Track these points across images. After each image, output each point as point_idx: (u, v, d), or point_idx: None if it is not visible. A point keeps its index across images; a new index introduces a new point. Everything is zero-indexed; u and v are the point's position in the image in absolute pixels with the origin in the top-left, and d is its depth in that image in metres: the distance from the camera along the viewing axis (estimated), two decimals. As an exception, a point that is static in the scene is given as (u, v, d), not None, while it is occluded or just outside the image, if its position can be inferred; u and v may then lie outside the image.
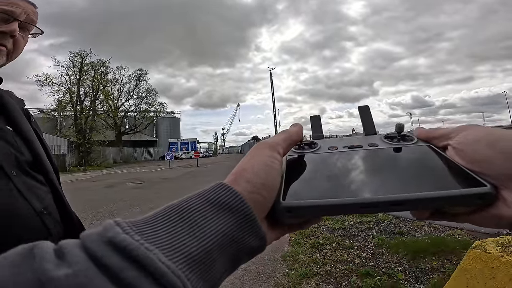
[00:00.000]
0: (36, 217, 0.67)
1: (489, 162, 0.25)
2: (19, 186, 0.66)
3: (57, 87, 29.82)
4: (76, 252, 0.18)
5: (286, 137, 0.32)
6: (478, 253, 1.40)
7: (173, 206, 0.23)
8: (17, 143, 0.73)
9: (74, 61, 30.52)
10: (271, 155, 0.28)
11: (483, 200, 0.24)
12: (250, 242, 0.23)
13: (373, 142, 0.35)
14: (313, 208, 0.26)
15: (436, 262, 2.80)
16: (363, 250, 3.28)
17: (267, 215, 0.26)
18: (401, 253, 3.09)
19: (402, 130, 0.36)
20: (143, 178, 13.82)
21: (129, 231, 0.19)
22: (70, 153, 26.75)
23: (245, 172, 0.26)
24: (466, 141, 0.28)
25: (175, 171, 17.51)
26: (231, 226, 0.22)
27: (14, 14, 0.70)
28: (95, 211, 6.15)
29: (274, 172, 0.27)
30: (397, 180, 0.28)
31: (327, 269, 2.80)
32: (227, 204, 0.23)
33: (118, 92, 36.98)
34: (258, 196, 0.25)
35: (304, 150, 0.36)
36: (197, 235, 0.21)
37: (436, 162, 0.29)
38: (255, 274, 2.80)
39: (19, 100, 0.88)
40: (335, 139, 0.39)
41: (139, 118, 39.37)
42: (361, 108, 0.42)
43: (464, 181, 0.25)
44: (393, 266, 2.81)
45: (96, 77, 32.25)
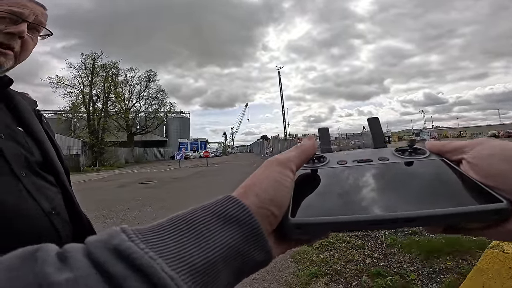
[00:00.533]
0: (44, 218, 0.67)
1: (505, 177, 0.25)
2: (28, 187, 0.66)
3: (70, 89, 30.68)
4: (79, 257, 0.18)
5: (300, 153, 0.32)
6: (495, 253, 1.35)
7: (180, 216, 0.23)
8: (28, 144, 0.73)
9: (86, 63, 31.28)
10: (283, 172, 0.28)
11: (499, 216, 0.24)
12: (255, 256, 0.23)
13: (384, 156, 0.35)
14: (322, 225, 0.26)
15: (450, 262, 2.72)
16: (374, 250, 3.23)
17: (275, 229, 0.26)
18: (414, 253, 3.03)
19: (414, 143, 0.35)
20: (154, 177, 14.03)
21: (135, 239, 0.19)
22: (84, 153, 27.41)
23: (255, 186, 0.26)
24: (481, 156, 0.27)
25: (185, 170, 17.69)
26: (237, 239, 0.22)
27: (22, 15, 0.70)
28: (107, 210, 6.28)
29: (284, 190, 0.27)
30: (409, 196, 0.27)
31: (337, 268, 2.77)
32: (235, 217, 0.23)
33: (129, 93, 37.69)
34: (266, 211, 0.25)
35: (313, 165, 0.35)
36: (202, 246, 0.21)
37: (449, 176, 0.28)
38: (264, 273, 2.79)
39: (32, 101, 0.89)
40: (344, 152, 0.38)
41: (150, 118, 39.97)
42: (370, 119, 0.41)
43: (479, 197, 0.25)
44: (405, 266, 2.75)
45: (108, 78, 32.93)
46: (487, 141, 0.28)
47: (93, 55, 31.43)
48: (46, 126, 0.86)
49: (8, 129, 0.70)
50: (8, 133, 0.69)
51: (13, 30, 0.67)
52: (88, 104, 31.29)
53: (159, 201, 7.14)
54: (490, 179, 0.26)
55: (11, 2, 0.71)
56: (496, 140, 0.28)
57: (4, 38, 0.66)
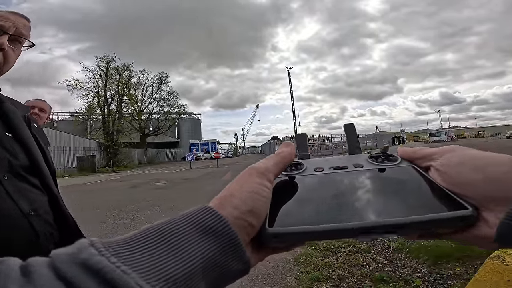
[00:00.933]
0: (23, 218, 0.70)
1: (472, 186, 0.26)
2: (9, 189, 0.69)
3: (85, 91, 31.59)
4: (43, 272, 0.17)
5: (278, 161, 0.32)
6: (495, 264, 1.29)
7: (155, 227, 0.22)
8: (14, 149, 0.76)
9: (100, 65, 32.15)
10: (261, 183, 0.28)
11: (465, 222, 0.25)
12: (233, 266, 0.23)
13: (358, 163, 0.35)
14: (299, 235, 0.26)
15: (459, 268, 2.63)
16: (380, 254, 3.15)
17: (253, 238, 0.26)
18: (421, 258, 2.94)
19: (387, 150, 0.36)
20: (165, 178, 14.25)
21: (105, 252, 0.18)
22: (99, 154, 28.17)
23: (233, 197, 0.26)
24: (449, 163, 0.28)
25: (196, 171, 17.87)
26: (214, 250, 0.22)
27: (3, 28, 0.74)
28: (118, 210, 6.42)
29: (263, 200, 0.27)
30: (382, 204, 0.28)
31: (340, 273, 2.72)
32: (211, 228, 0.23)
33: (141, 95, 38.44)
34: (244, 222, 0.25)
35: (291, 172, 0.35)
36: (178, 258, 0.20)
37: (419, 183, 0.29)
38: (266, 276, 2.78)
39: (24, 108, 0.92)
40: (321, 159, 0.38)
41: (162, 120, 40.62)
42: (346, 125, 0.42)
43: (446, 204, 0.26)
44: (412, 271, 2.67)
45: (121, 81, 33.72)
46: (457, 149, 0.29)
47: (107, 58, 32.32)
48: (35, 131, 0.89)
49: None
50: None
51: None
52: (103, 106, 32.13)
53: (168, 202, 7.24)
54: (457, 186, 0.26)
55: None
56: (465, 148, 0.29)
57: None
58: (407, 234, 0.27)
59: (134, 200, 7.81)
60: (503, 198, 0.24)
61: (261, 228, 0.26)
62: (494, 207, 0.24)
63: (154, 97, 39.64)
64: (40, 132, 0.92)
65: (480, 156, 0.27)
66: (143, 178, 15.42)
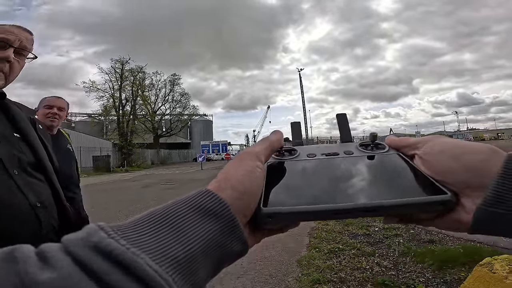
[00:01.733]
0: (30, 210, 0.78)
1: (451, 173, 0.27)
2: (19, 183, 0.78)
3: (102, 93, 32.41)
4: (60, 256, 0.18)
5: (268, 145, 0.34)
6: (483, 272, 1.27)
7: (158, 211, 0.23)
8: (22, 148, 0.85)
9: (116, 67, 32.95)
10: (254, 164, 0.29)
11: (444, 206, 0.26)
12: (233, 247, 0.24)
13: (349, 150, 0.38)
14: (292, 214, 0.28)
15: (464, 273, 2.56)
16: (385, 258, 3.11)
17: (249, 220, 0.28)
18: (427, 262, 2.88)
19: (376, 139, 0.38)
20: (176, 179, 14.47)
21: (114, 235, 0.19)
22: (114, 154, 28.85)
23: (229, 180, 0.27)
24: (431, 152, 0.30)
25: (206, 172, 18.04)
26: (215, 231, 0.23)
27: (9, 41, 0.82)
28: (127, 210, 6.59)
29: (257, 180, 0.28)
30: (369, 188, 0.30)
31: (342, 276, 2.71)
32: (212, 210, 0.24)
33: (155, 96, 39.07)
34: (241, 202, 0.26)
35: (284, 157, 0.38)
36: (182, 240, 0.21)
37: (403, 170, 0.31)
38: (267, 276, 2.80)
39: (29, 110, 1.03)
40: (314, 146, 0.41)
41: (174, 121, 41.15)
42: (338, 115, 0.44)
43: (427, 189, 0.27)
44: (415, 276, 2.63)
45: (135, 82, 34.39)
46: (438, 138, 0.31)
47: (121, 60, 33.05)
48: (40, 132, 0.98)
49: (4, 135, 0.82)
50: (5, 139, 0.81)
51: (1, 55, 0.79)
52: (118, 108, 32.89)
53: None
54: (438, 173, 0.28)
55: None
56: (446, 138, 0.30)
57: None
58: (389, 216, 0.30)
59: (144, 199, 7.98)
60: (479, 184, 0.25)
61: (256, 209, 0.28)
62: (471, 193, 0.26)
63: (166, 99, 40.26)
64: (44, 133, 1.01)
65: (460, 144, 0.28)
66: (155, 178, 15.71)
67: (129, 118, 33.42)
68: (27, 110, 1.01)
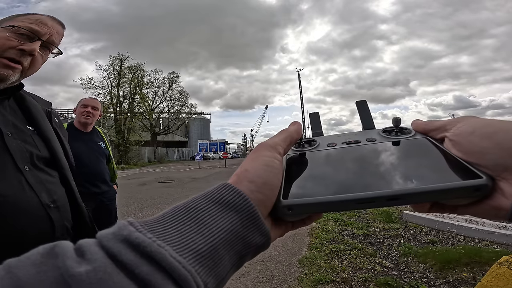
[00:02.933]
0: (42, 209, 0.72)
1: (485, 153, 0.25)
2: (30, 180, 0.71)
3: (99, 89, 32.24)
4: (94, 250, 0.19)
5: (286, 136, 0.33)
6: (502, 270, 1.26)
7: (181, 206, 0.24)
8: (35, 142, 0.79)
9: (114, 65, 32.76)
10: (272, 155, 0.29)
11: (480, 192, 0.24)
12: (254, 239, 0.24)
13: (371, 137, 0.35)
14: (313, 205, 0.26)
15: (466, 273, 2.56)
16: (386, 258, 3.11)
17: (270, 213, 0.27)
18: (428, 263, 2.88)
19: (399, 123, 0.36)
20: (173, 177, 14.40)
21: (142, 229, 0.20)
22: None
23: (248, 172, 0.27)
24: (461, 133, 0.28)
25: (204, 171, 18.00)
26: (236, 223, 0.23)
27: (38, 34, 0.76)
28: (127, 208, 6.53)
29: (275, 172, 0.28)
30: (394, 174, 0.27)
31: (344, 276, 2.69)
32: (232, 203, 0.24)
33: (153, 94, 38.93)
34: (260, 195, 0.26)
35: (303, 148, 0.36)
36: (204, 233, 0.22)
37: (433, 154, 0.29)
38: (269, 277, 2.77)
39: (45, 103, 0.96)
40: (334, 135, 0.39)
41: (172, 119, 41.05)
42: (358, 102, 0.42)
43: (460, 173, 0.25)
44: (417, 276, 2.62)
45: (134, 80, 34.26)
46: (468, 118, 0.29)
47: (120, 57, 32.89)
48: (56, 125, 0.91)
49: (16, 128, 0.76)
50: (16, 132, 0.75)
51: (26, 47, 0.73)
52: (116, 105, 32.73)
53: (175, 200, 7.31)
54: (471, 155, 0.26)
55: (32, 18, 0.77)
56: (476, 117, 0.28)
57: (16, 55, 0.72)
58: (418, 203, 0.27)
59: (142, 198, 7.92)
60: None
61: (276, 201, 0.27)
62: (510, 176, 0.23)
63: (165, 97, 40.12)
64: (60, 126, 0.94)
65: (490, 123, 0.26)
66: (151, 176, 15.63)
67: (126, 116, 33.26)
68: (44, 102, 0.94)
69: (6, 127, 0.72)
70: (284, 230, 0.30)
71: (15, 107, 0.81)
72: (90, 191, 2.14)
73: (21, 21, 0.74)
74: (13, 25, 0.72)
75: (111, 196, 2.37)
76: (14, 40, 0.72)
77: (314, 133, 0.41)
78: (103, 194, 2.27)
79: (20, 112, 0.81)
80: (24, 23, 0.74)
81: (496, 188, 0.24)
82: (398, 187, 0.25)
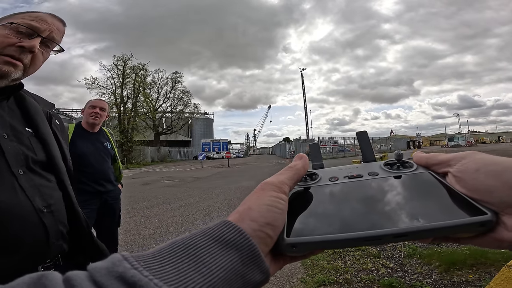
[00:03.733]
0: (34, 215, 0.69)
1: (492, 192, 0.25)
2: (23, 184, 0.69)
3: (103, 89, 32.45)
4: (86, 286, 0.18)
5: (293, 175, 0.32)
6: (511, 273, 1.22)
7: (179, 242, 0.23)
8: (32, 144, 0.77)
9: (118, 65, 32.96)
10: (276, 196, 0.29)
11: (485, 227, 0.25)
12: (254, 276, 0.24)
13: (373, 171, 0.35)
14: (317, 243, 0.27)
15: (472, 275, 2.52)
16: (390, 259, 3.07)
17: (271, 249, 0.27)
18: (433, 264, 2.84)
19: (401, 157, 0.36)
20: (176, 177, 14.44)
21: (137, 266, 0.20)
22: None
23: (251, 211, 0.27)
24: (466, 170, 0.28)
25: (207, 170, 18.02)
26: (236, 262, 0.23)
27: (38, 30, 0.74)
28: (130, 207, 6.55)
29: (279, 212, 0.28)
30: (399, 210, 0.28)
31: (347, 277, 2.67)
32: (233, 241, 0.24)
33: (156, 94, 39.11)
34: (263, 234, 0.26)
35: (306, 183, 0.36)
36: (203, 272, 0.21)
37: (437, 190, 0.29)
38: (271, 278, 2.75)
39: (47, 103, 0.93)
40: (335, 168, 0.39)
41: (175, 119, 41.19)
42: (359, 133, 0.42)
43: (465, 210, 0.26)
44: (422, 278, 2.59)
45: (137, 80, 34.44)
46: (472, 155, 0.29)
47: (124, 57, 33.08)
48: (56, 128, 0.89)
49: (14, 130, 0.74)
50: (13, 133, 0.73)
51: (25, 44, 0.71)
52: (119, 105, 32.92)
53: (178, 200, 7.33)
54: (475, 192, 0.27)
55: (32, 15, 0.75)
56: (481, 154, 0.29)
57: (16, 51, 0.70)
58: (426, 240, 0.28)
59: (145, 197, 7.95)
60: None
61: (278, 239, 0.27)
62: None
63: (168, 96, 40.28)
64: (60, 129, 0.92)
65: (497, 161, 0.26)
66: (154, 175, 15.68)
67: (130, 115, 33.44)
68: (46, 103, 0.92)
69: (2, 129, 0.71)
70: (282, 263, 0.30)
71: (14, 107, 0.79)
72: (95, 190, 2.21)
73: (20, 19, 0.73)
74: (11, 22, 0.71)
75: (116, 195, 2.46)
76: (13, 37, 0.70)
77: (315, 165, 0.40)
78: (108, 193, 2.34)
79: (20, 113, 0.80)
80: (23, 20, 0.73)
81: (499, 222, 0.25)
82: (404, 225, 0.25)
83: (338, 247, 0.27)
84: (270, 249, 0.27)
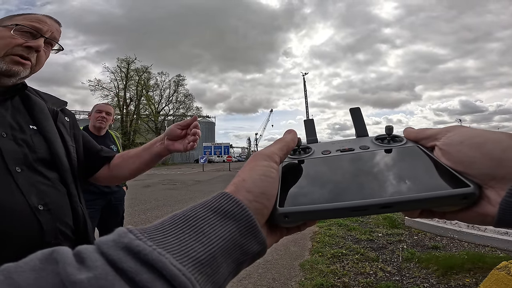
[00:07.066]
0: (29, 212, 0.69)
1: (473, 163, 0.26)
2: (20, 182, 0.69)
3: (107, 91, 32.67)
4: (95, 257, 0.19)
5: (283, 146, 0.34)
6: (501, 276, 1.26)
7: (180, 214, 0.24)
8: (34, 142, 0.77)
9: (121, 67, 33.21)
10: (269, 165, 0.30)
11: (468, 200, 0.25)
12: (252, 247, 0.25)
13: (365, 145, 0.37)
14: (308, 213, 0.27)
15: (469, 279, 2.54)
16: (388, 263, 3.09)
17: (267, 220, 0.28)
18: (431, 268, 2.86)
19: (391, 131, 0.37)
20: (177, 180, 14.47)
21: (142, 237, 0.20)
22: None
23: (245, 182, 0.27)
24: (451, 142, 0.29)
25: (208, 174, 18.05)
26: (234, 232, 0.24)
27: (41, 31, 0.80)
28: (131, 209, 6.58)
29: (272, 182, 0.29)
30: (386, 182, 0.28)
31: (345, 281, 2.69)
32: (230, 212, 0.25)
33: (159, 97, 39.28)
34: (258, 204, 0.26)
35: (299, 156, 0.37)
36: (203, 241, 0.22)
37: (423, 162, 0.30)
38: (270, 280, 2.78)
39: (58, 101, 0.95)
40: (328, 142, 0.40)
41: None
42: (352, 110, 0.42)
43: (449, 182, 0.26)
44: (419, 282, 2.60)
45: (140, 82, 34.65)
46: (458, 128, 0.30)
47: (127, 60, 33.34)
48: (62, 125, 0.90)
49: (14, 128, 0.75)
50: (13, 132, 0.74)
51: (32, 44, 0.77)
52: (122, 107, 33.10)
53: (178, 203, 7.36)
54: (459, 165, 0.27)
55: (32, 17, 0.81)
56: (466, 127, 0.29)
57: (24, 51, 0.76)
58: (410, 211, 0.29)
59: (146, 200, 7.98)
60: (503, 175, 0.24)
61: (272, 209, 0.28)
62: (496, 184, 0.24)
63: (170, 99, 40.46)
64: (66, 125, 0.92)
65: (480, 134, 0.27)
66: (156, 178, 15.72)
67: (132, 118, 33.59)
68: (54, 101, 0.93)
69: (1, 128, 0.72)
70: (279, 236, 0.31)
71: (19, 106, 0.81)
72: (100, 191, 2.30)
73: (22, 20, 0.78)
74: (16, 23, 0.76)
75: (121, 196, 2.53)
76: (19, 38, 0.75)
77: (309, 139, 0.42)
78: (113, 194, 2.43)
79: (25, 111, 0.81)
80: (26, 22, 0.78)
81: (483, 196, 0.25)
82: (390, 195, 0.26)
83: (328, 217, 0.27)
84: (267, 221, 0.28)
